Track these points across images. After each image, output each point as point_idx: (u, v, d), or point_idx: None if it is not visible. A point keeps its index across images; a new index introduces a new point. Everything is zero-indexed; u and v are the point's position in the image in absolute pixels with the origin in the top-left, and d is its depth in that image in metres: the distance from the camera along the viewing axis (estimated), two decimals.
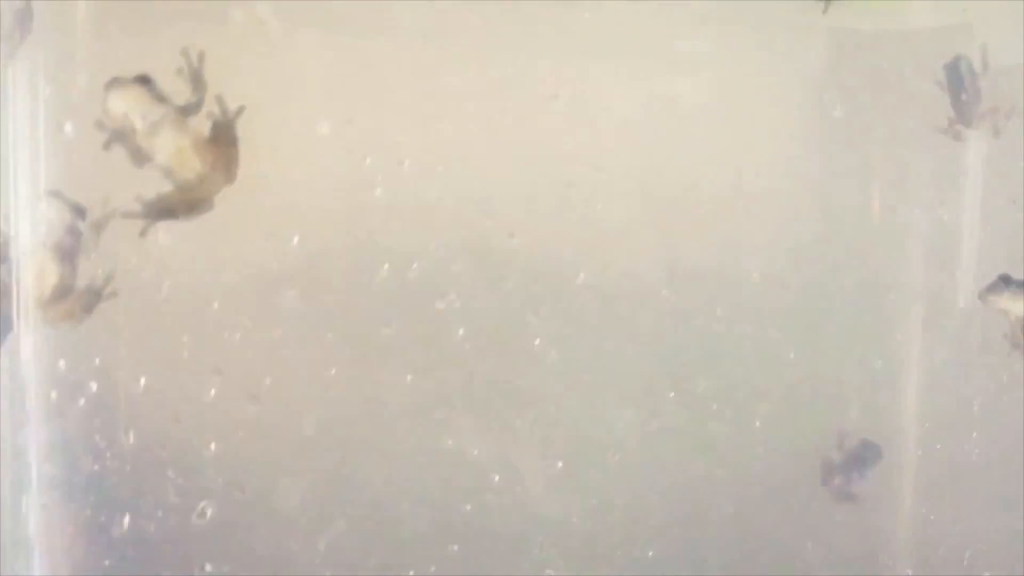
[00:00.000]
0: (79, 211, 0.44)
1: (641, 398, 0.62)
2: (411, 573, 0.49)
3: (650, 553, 0.62)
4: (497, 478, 0.51)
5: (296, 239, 0.46)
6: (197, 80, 0.44)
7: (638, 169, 0.60)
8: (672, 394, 0.62)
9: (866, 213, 0.66)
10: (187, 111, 0.44)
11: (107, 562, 0.44)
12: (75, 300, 0.44)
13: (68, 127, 0.43)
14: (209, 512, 0.46)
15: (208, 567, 0.46)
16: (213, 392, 0.46)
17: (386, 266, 0.48)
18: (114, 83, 0.43)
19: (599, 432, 0.61)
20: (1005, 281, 0.66)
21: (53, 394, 0.44)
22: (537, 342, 0.57)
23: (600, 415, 0.61)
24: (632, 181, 0.60)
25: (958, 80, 0.68)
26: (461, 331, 0.50)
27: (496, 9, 0.55)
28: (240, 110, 0.45)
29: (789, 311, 0.65)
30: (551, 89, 0.56)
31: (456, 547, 0.51)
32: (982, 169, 0.68)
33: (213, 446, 0.45)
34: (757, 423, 0.65)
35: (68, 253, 0.44)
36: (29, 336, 0.44)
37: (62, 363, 0.44)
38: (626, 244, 0.60)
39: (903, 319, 0.67)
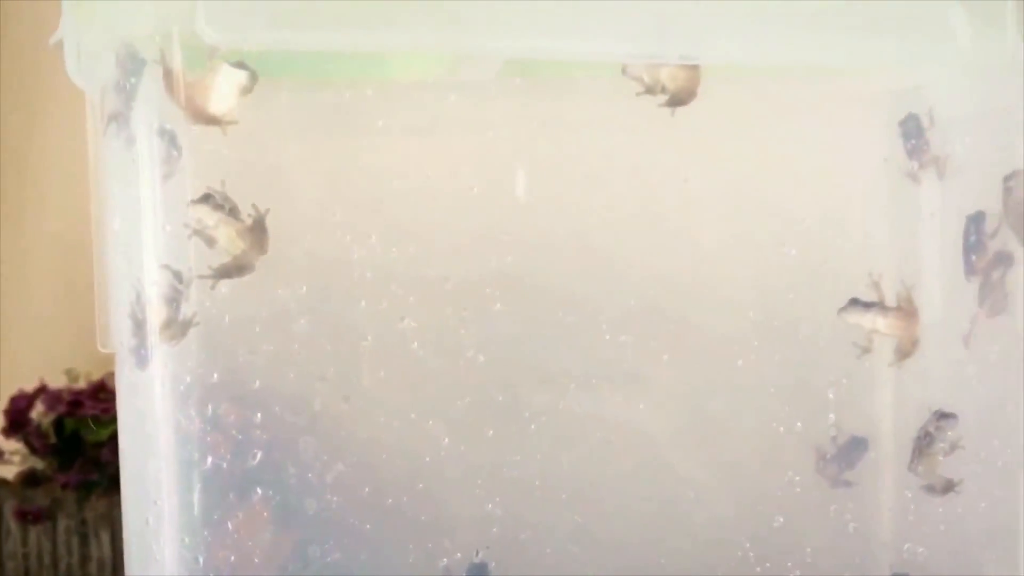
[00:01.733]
0: (178, 275, 0.74)
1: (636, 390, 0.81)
2: (390, 500, 0.77)
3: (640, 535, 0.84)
4: (446, 440, 0.78)
5: (304, 288, 0.75)
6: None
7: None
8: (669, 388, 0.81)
9: (851, 227, 0.85)
10: (234, 213, 0.73)
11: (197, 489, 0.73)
12: (176, 328, 0.74)
13: (168, 227, 0.72)
14: (259, 456, 0.74)
15: (259, 490, 0.74)
16: (258, 383, 0.75)
17: (363, 303, 0.76)
18: (192, 200, 0.73)
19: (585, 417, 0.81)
20: (853, 303, 0.86)
21: (163, 386, 0.74)
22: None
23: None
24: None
25: (910, 133, 0.86)
26: (415, 343, 0.77)
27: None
28: (267, 210, 0.74)
29: (769, 321, 0.84)
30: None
31: (421, 485, 0.78)
32: (932, 204, 0.86)
33: (259, 415, 0.74)
34: (755, 418, 0.82)
35: (172, 300, 0.74)
36: (155, 350, 0.74)
37: (170, 366, 0.73)
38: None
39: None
